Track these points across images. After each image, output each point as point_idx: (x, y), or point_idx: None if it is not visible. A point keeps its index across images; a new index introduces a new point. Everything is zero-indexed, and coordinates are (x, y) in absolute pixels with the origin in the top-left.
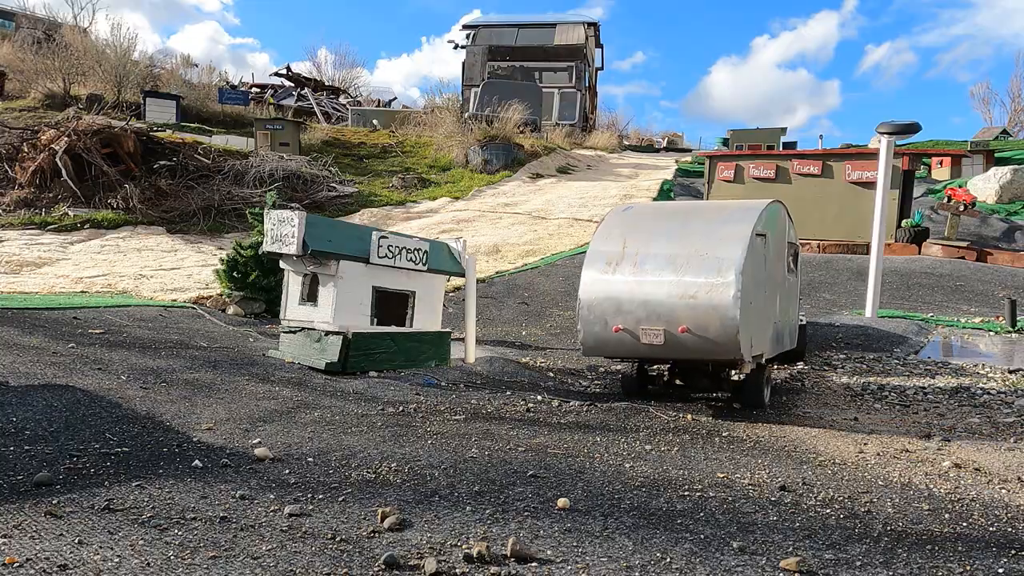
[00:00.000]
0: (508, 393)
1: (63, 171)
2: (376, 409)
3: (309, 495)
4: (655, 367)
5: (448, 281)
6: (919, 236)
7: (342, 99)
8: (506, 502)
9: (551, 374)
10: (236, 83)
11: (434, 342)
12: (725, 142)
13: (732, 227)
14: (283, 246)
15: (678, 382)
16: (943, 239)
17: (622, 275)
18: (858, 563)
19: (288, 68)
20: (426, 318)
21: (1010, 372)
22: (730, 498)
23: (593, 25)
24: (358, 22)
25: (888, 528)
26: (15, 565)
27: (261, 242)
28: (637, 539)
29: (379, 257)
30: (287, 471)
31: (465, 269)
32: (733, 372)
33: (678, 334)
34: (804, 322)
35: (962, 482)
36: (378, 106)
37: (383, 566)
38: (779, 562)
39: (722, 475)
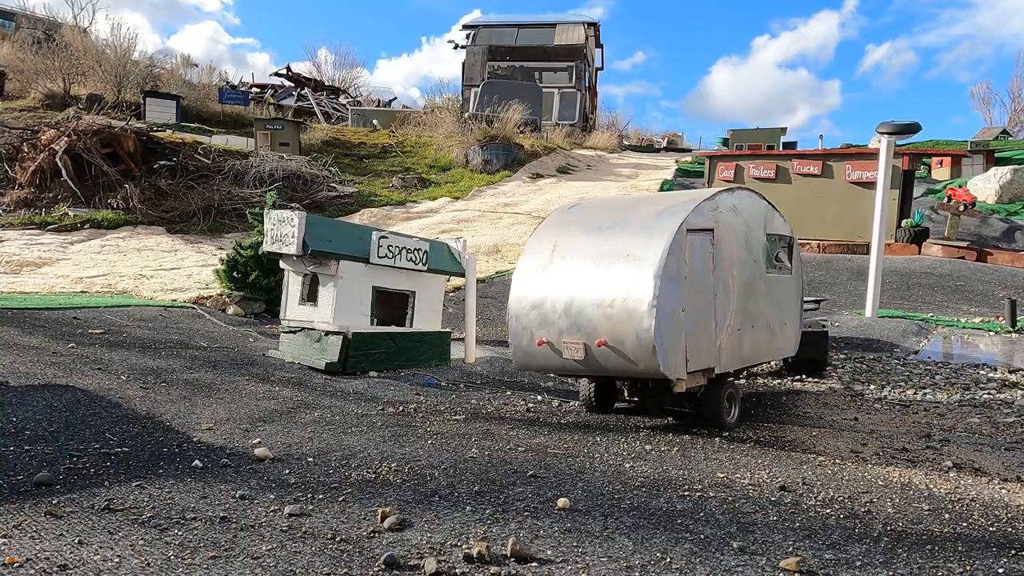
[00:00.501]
0: (508, 393)
1: (63, 171)
2: (376, 409)
3: (309, 495)
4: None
5: (448, 281)
6: (919, 236)
7: (342, 99)
8: (506, 502)
9: (551, 374)
10: (236, 83)
11: (434, 342)
12: (725, 142)
13: (662, 222)
14: (283, 246)
15: (634, 398)
16: (943, 239)
17: (547, 283)
18: (858, 563)
19: (288, 68)
20: (426, 318)
21: (1010, 372)
22: (730, 498)
23: (593, 25)
24: (358, 22)
25: (888, 528)
26: (15, 565)
27: (261, 242)
28: (637, 539)
29: (379, 257)
30: (287, 471)
31: (465, 269)
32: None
33: (595, 348)
34: (827, 328)
35: (962, 482)
36: (378, 106)
37: (383, 566)
38: (779, 562)
39: (722, 475)
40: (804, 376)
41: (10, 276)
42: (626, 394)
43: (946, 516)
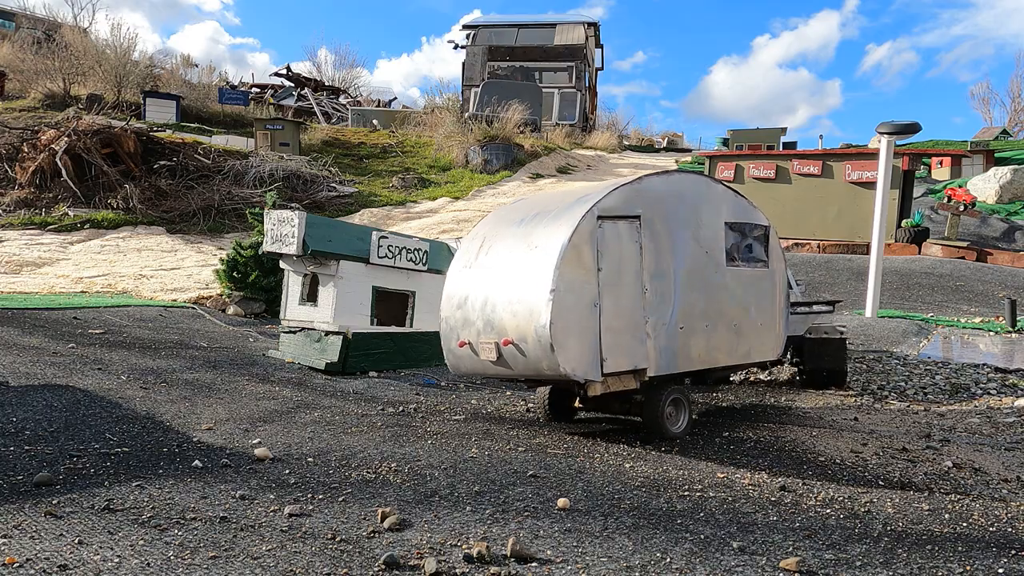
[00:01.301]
0: (508, 393)
1: (63, 171)
2: (376, 409)
3: (309, 495)
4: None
5: None
6: (919, 236)
7: (342, 99)
8: (506, 502)
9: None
10: (236, 83)
11: (434, 342)
12: (725, 142)
13: (571, 209)
14: (283, 246)
15: (577, 404)
16: (943, 239)
17: (470, 280)
18: (858, 563)
19: (288, 68)
20: (426, 318)
21: (1010, 372)
22: (730, 498)
23: (593, 25)
24: (358, 22)
25: (888, 528)
26: (15, 565)
27: (261, 242)
28: (637, 539)
29: (379, 257)
30: (287, 471)
31: None
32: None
33: (504, 347)
34: (846, 334)
35: (962, 482)
36: (378, 106)
37: (383, 566)
38: (779, 562)
39: (722, 475)
40: (824, 391)
41: (10, 276)
42: (578, 401)
43: (946, 516)
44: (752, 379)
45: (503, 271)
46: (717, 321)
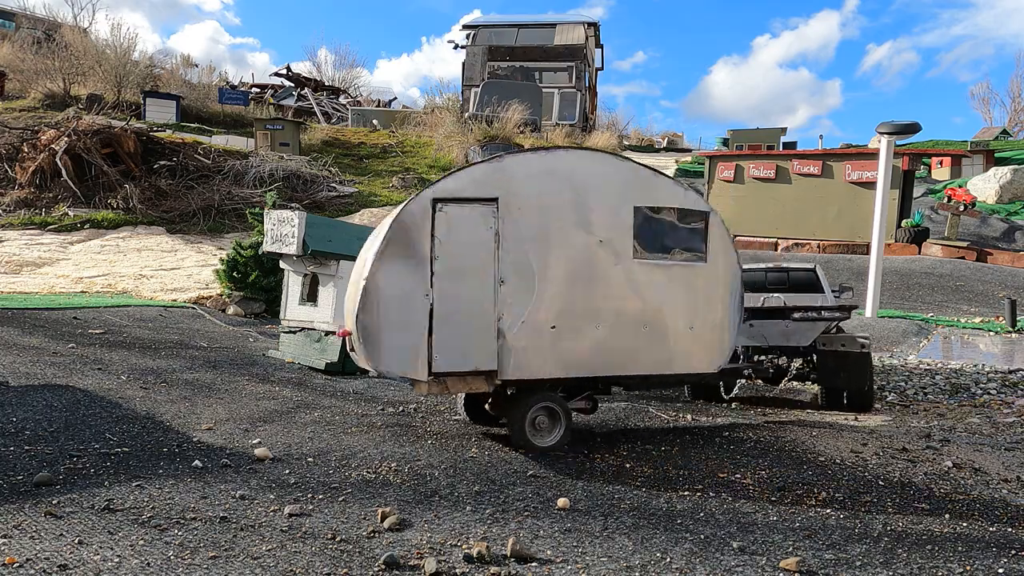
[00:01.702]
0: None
1: (63, 171)
2: (376, 409)
3: (309, 495)
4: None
5: None
6: (919, 236)
7: (342, 99)
8: (506, 502)
9: None
10: (236, 83)
11: None
12: (725, 142)
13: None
14: (283, 246)
15: (486, 407)
16: (943, 239)
17: (360, 268)
18: (858, 563)
19: (288, 68)
20: None
21: (1010, 372)
22: (730, 498)
23: (593, 25)
24: (358, 22)
25: (888, 528)
26: (15, 565)
27: (261, 242)
28: (637, 539)
29: None
30: (287, 471)
31: None
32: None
33: (346, 338)
34: (868, 348)
35: (962, 482)
36: (378, 106)
37: (383, 566)
38: (779, 562)
39: (722, 475)
40: (848, 416)
41: (10, 276)
42: (487, 404)
43: (946, 516)
44: (752, 382)
45: (363, 256)
46: (614, 322)
